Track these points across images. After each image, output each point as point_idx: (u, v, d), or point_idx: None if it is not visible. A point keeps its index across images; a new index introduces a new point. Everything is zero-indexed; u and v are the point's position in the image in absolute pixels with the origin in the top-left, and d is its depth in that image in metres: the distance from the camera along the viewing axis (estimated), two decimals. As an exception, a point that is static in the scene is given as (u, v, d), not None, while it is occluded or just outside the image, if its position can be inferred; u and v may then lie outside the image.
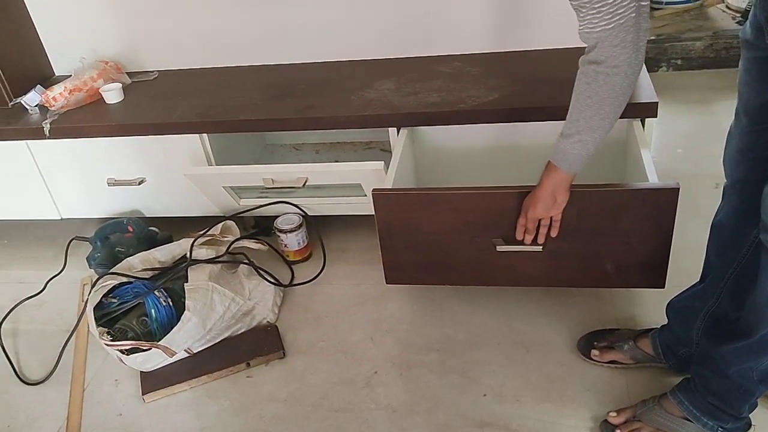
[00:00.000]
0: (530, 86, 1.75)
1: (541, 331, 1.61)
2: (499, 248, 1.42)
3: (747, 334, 1.13)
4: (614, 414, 1.35)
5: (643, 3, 1.03)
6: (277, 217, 1.91)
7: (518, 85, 1.76)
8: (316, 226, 1.94)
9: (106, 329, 1.50)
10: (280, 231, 1.87)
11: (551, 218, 1.33)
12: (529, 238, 1.37)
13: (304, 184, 1.72)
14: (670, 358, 1.42)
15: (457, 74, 1.86)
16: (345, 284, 1.85)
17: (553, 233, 1.35)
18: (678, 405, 1.28)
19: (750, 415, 1.27)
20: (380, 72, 1.93)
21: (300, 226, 1.88)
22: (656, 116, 1.59)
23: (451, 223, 1.44)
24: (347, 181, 1.72)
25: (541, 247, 1.39)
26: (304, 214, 1.90)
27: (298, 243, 1.89)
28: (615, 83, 1.09)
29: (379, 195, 1.44)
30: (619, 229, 1.37)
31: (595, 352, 1.49)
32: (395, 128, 1.73)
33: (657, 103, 1.57)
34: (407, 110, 1.70)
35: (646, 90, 1.63)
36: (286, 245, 1.89)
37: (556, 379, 1.48)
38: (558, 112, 1.50)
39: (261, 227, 2.03)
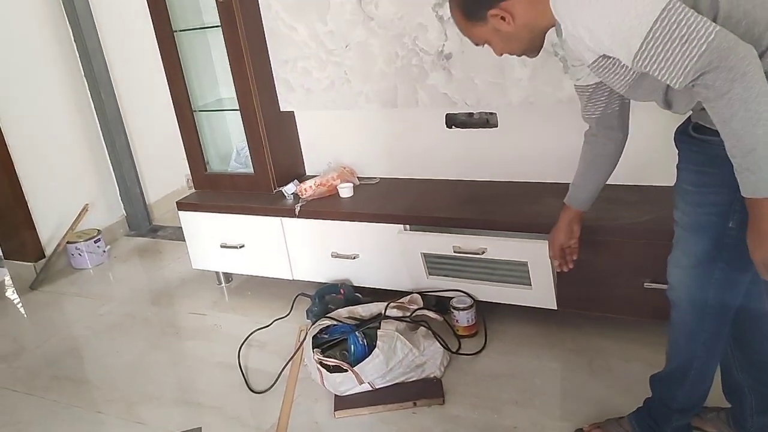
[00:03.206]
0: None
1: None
2: (646, 285, 2.01)
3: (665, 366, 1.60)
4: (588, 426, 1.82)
5: None
6: (453, 298, 2.37)
7: (667, 212, 2.10)
8: (483, 310, 2.38)
9: (319, 350, 2.04)
10: (455, 308, 2.33)
11: None
12: None
13: (483, 253, 2.19)
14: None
15: (615, 199, 2.25)
16: (501, 360, 2.23)
17: None
18: (628, 422, 1.73)
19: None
20: (549, 192, 2.38)
21: (470, 306, 2.32)
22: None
23: (612, 263, 2.06)
24: (517, 257, 2.16)
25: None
26: (474, 299, 2.35)
27: (467, 320, 2.33)
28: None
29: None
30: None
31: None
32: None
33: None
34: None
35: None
36: (457, 320, 2.34)
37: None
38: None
39: (439, 306, 2.51)
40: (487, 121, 2.53)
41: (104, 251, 3.52)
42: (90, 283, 3.33)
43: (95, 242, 3.47)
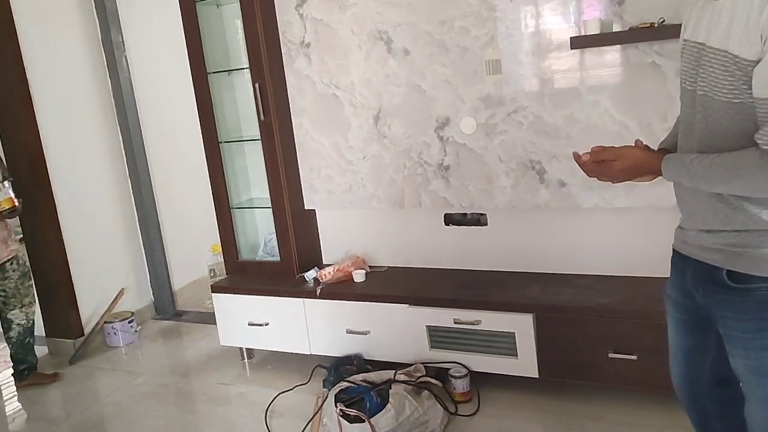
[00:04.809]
0: (632, 298, 2.57)
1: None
2: (610, 355, 2.42)
3: None
4: None
5: None
6: (450, 368, 2.79)
7: (624, 297, 2.59)
8: (477, 379, 2.79)
9: (343, 404, 2.44)
10: (452, 377, 2.75)
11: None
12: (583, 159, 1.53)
13: (478, 324, 2.66)
14: None
15: (584, 285, 2.74)
16: (492, 421, 2.63)
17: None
18: None
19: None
20: (532, 279, 2.87)
21: (465, 375, 2.74)
22: None
23: (583, 338, 2.50)
24: (506, 328, 2.64)
25: (635, 357, 2.36)
26: (469, 369, 2.77)
27: (463, 387, 2.74)
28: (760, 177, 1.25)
29: (541, 315, 2.58)
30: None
31: None
32: (533, 314, 2.62)
33: None
34: (548, 302, 2.61)
35: None
36: (454, 387, 2.75)
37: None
38: (644, 315, 2.33)
39: (439, 375, 2.92)
40: (478, 220, 3.05)
41: (136, 331, 3.92)
42: (123, 359, 3.71)
43: (129, 323, 3.87)
